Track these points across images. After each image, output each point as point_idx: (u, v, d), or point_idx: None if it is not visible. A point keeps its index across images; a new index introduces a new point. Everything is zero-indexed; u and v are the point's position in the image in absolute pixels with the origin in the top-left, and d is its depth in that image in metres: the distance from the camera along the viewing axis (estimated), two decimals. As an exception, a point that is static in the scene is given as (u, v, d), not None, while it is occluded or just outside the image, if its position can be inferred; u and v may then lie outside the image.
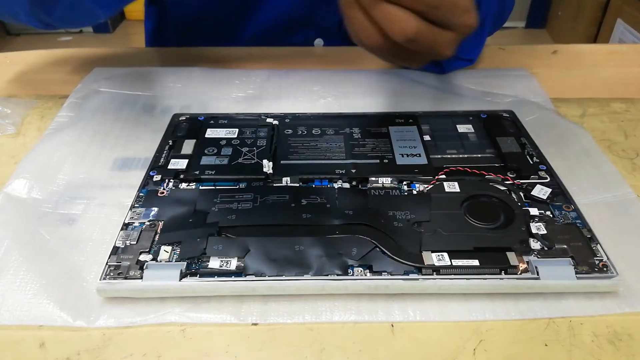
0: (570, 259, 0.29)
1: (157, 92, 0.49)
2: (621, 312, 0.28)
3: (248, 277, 0.29)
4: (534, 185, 0.35)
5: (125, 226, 0.32)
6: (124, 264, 0.30)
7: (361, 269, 0.29)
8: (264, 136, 0.41)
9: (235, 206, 0.34)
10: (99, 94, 0.48)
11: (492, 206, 0.33)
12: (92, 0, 0.35)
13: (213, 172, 0.37)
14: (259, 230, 0.32)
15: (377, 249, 0.30)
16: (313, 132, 0.41)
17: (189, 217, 0.33)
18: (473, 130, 0.41)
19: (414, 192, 0.35)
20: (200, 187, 0.36)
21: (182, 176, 0.37)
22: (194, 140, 0.40)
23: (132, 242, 0.31)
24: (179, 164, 0.38)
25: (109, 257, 0.30)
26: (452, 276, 0.29)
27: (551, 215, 0.33)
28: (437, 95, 0.47)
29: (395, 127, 0.42)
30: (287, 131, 0.41)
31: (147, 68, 0.52)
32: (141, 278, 0.29)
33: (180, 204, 0.34)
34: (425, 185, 0.35)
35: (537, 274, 0.29)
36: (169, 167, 0.37)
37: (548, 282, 0.29)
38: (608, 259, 0.30)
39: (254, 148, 0.39)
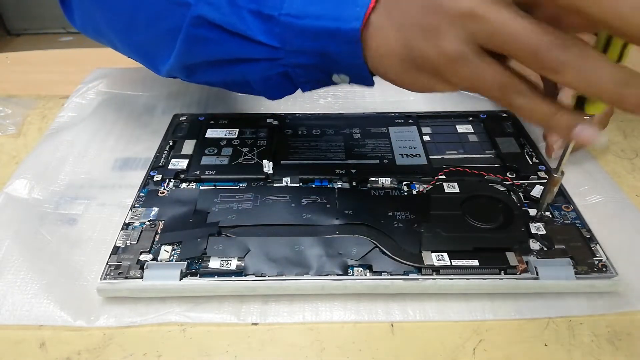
0: (569, 259, 0.30)
1: (157, 92, 0.49)
2: (620, 311, 0.29)
3: (248, 277, 0.29)
4: (533, 185, 0.35)
5: (126, 226, 0.32)
6: (124, 263, 0.30)
7: (361, 269, 0.29)
8: (264, 136, 0.41)
9: (236, 206, 0.34)
10: (99, 94, 0.48)
11: (491, 206, 0.34)
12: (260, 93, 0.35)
13: (213, 172, 0.37)
14: (259, 230, 0.32)
15: (377, 249, 0.30)
16: (313, 132, 0.41)
17: (190, 217, 0.33)
18: (472, 131, 0.41)
19: (414, 192, 0.35)
20: (201, 187, 0.36)
21: (182, 176, 0.37)
22: (194, 141, 0.40)
23: (132, 242, 0.31)
24: (180, 164, 0.38)
25: (109, 257, 0.30)
26: (452, 276, 0.29)
27: (550, 216, 0.33)
28: (437, 95, 0.47)
29: (395, 127, 0.42)
30: (287, 131, 0.41)
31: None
32: (141, 278, 0.29)
33: (180, 204, 0.34)
34: (425, 186, 0.35)
35: (537, 274, 0.29)
36: (169, 167, 0.37)
37: (547, 282, 0.29)
38: (607, 259, 0.30)
39: (254, 148, 0.39)
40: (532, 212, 0.33)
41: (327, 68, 0.30)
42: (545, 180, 0.35)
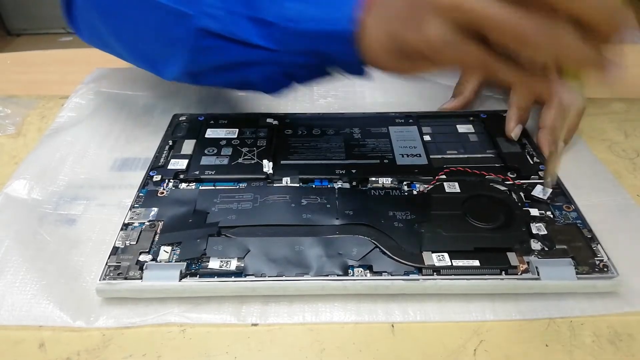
0: (570, 259, 0.29)
1: (157, 92, 0.49)
2: (622, 312, 0.28)
3: (248, 278, 0.29)
4: (534, 185, 0.35)
5: (125, 226, 0.32)
6: (123, 264, 0.30)
7: (361, 269, 0.29)
8: (264, 136, 0.41)
9: (235, 206, 0.34)
10: (99, 94, 0.48)
11: (492, 206, 0.33)
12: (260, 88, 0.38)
13: (213, 172, 0.37)
14: (259, 230, 0.32)
15: (378, 249, 0.30)
16: (313, 132, 0.41)
17: (189, 218, 0.33)
18: (473, 130, 0.41)
19: (414, 192, 0.35)
20: (200, 187, 0.36)
21: (182, 176, 0.37)
22: (194, 141, 0.40)
23: (132, 243, 0.31)
24: (179, 164, 0.38)
25: (108, 258, 0.30)
26: (453, 276, 0.29)
27: (551, 216, 0.33)
28: (437, 95, 0.47)
29: (395, 127, 0.42)
30: (287, 131, 0.41)
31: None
32: (141, 278, 0.29)
33: (180, 204, 0.34)
34: (426, 186, 0.35)
35: (538, 274, 0.29)
36: (169, 167, 0.37)
37: (548, 283, 0.29)
38: (609, 259, 0.29)
39: (254, 148, 0.39)
40: (533, 212, 0.33)
41: (323, 65, 0.33)
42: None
